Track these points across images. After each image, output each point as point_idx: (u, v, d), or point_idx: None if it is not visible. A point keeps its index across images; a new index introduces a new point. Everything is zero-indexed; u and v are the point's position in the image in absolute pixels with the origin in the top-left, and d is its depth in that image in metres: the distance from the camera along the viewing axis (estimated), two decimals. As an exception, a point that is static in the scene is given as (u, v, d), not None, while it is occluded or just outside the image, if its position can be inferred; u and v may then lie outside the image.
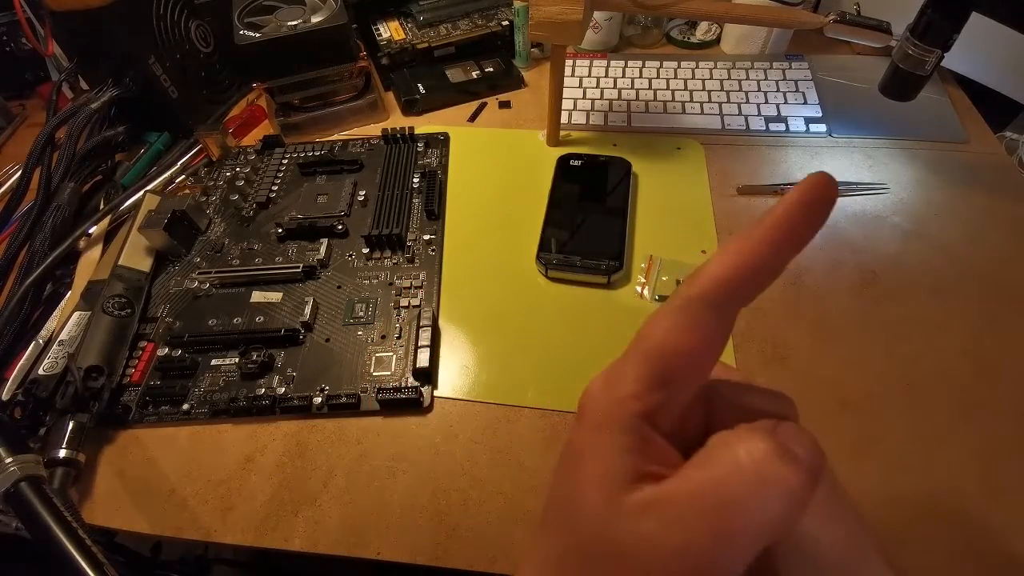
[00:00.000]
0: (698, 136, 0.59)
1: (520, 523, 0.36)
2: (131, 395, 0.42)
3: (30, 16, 0.58)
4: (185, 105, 0.59)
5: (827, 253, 0.48)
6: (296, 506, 0.37)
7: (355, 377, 0.42)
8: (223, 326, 0.46)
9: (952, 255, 0.47)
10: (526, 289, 0.47)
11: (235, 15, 0.56)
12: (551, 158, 0.56)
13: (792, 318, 0.44)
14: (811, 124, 0.59)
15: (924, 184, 0.53)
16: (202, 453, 0.40)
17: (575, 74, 0.66)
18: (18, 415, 0.40)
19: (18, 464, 0.31)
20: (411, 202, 0.53)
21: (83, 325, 0.43)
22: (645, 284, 0.47)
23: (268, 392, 0.42)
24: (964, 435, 0.38)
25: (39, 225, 0.50)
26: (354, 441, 0.40)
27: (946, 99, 0.60)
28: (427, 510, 0.37)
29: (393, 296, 0.47)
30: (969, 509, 0.35)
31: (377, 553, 0.35)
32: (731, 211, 0.52)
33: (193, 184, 0.57)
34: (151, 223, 0.48)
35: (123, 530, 0.38)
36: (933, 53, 0.44)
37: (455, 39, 0.67)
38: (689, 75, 0.65)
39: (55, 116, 0.53)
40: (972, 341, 0.42)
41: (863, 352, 0.42)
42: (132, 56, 0.54)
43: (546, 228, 0.50)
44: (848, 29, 0.46)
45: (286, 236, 0.51)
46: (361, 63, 0.60)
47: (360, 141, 0.60)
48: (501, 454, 0.39)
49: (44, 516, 0.29)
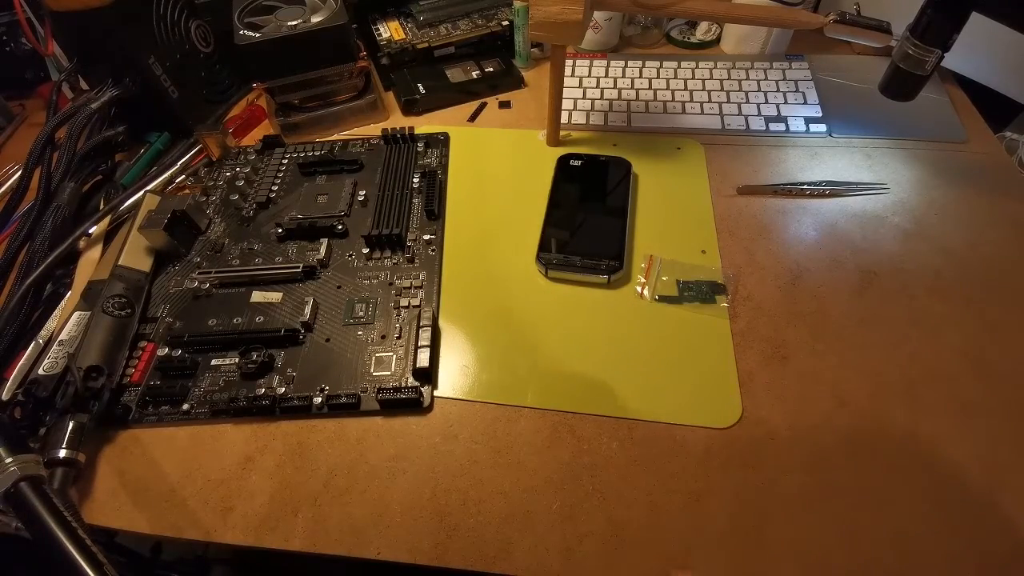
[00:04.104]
0: (698, 136, 0.59)
1: (520, 523, 0.36)
2: (131, 395, 0.42)
3: (30, 16, 0.58)
4: (185, 105, 0.59)
5: (827, 253, 0.48)
6: (296, 506, 0.37)
7: (355, 377, 0.42)
8: (223, 326, 0.45)
9: (952, 255, 0.47)
10: (526, 289, 0.47)
11: (235, 15, 0.56)
12: (551, 158, 0.56)
13: (792, 318, 0.44)
14: (811, 124, 0.59)
15: (924, 184, 0.53)
16: (202, 453, 0.40)
17: (575, 74, 0.66)
18: (18, 415, 0.40)
19: (18, 464, 0.31)
20: (411, 202, 0.53)
21: (83, 325, 0.43)
22: (645, 284, 0.47)
23: (268, 392, 0.42)
24: (964, 435, 0.38)
25: (39, 225, 0.50)
26: (354, 441, 0.40)
27: (946, 99, 0.60)
28: (427, 510, 0.37)
29: (393, 296, 0.47)
30: (969, 509, 0.35)
31: (377, 553, 0.35)
32: (731, 211, 0.52)
33: (193, 184, 0.57)
34: (151, 223, 0.48)
35: (123, 530, 0.38)
36: (933, 53, 0.44)
37: (455, 39, 0.67)
38: (689, 75, 0.65)
39: (55, 116, 0.53)
40: (972, 341, 0.42)
41: (863, 352, 0.42)
42: (132, 56, 0.54)
43: (546, 228, 0.50)
44: (848, 29, 0.46)
45: (286, 236, 0.51)
46: (361, 63, 0.60)
47: (360, 141, 0.60)
48: (501, 454, 0.39)
49: (44, 516, 0.29)
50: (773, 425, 0.39)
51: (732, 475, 0.37)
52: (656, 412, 0.40)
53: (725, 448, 0.38)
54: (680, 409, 0.40)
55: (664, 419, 0.40)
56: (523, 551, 0.35)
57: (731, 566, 0.34)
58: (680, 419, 0.40)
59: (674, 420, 0.40)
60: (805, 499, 0.36)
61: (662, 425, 0.39)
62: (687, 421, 0.39)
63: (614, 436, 0.39)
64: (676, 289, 0.46)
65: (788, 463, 0.37)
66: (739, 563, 0.34)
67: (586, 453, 0.39)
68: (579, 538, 0.35)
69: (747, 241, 0.49)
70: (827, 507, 0.36)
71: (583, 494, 0.37)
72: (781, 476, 0.37)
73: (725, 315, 0.44)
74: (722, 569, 0.34)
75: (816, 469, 0.37)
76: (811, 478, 0.37)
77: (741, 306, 0.45)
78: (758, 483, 0.37)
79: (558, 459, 0.38)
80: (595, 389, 0.41)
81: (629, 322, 0.45)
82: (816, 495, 0.36)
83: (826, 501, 0.36)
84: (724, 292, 0.46)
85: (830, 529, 0.35)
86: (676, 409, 0.40)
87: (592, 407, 0.40)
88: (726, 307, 0.45)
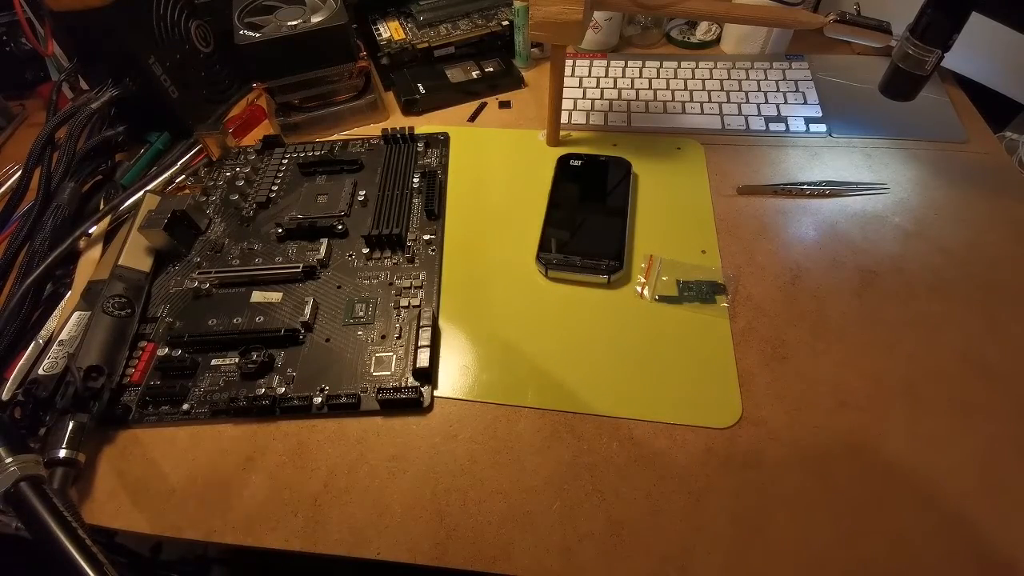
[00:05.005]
0: (698, 136, 0.59)
1: (520, 523, 0.36)
2: (131, 395, 0.42)
3: (30, 16, 0.58)
4: (185, 105, 0.59)
5: (827, 253, 0.48)
6: (296, 506, 0.37)
7: (355, 377, 0.42)
8: (223, 326, 0.45)
9: (952, 255, 0.47)
10: (526, 289, 0.47)
11: (235, 15, 0.56)
12: (551, 158, 0.56)
13: (792, 318, 0.44)
14: (811, 124, 0.59)
15: (924, 184, 0.53)
16: (202, 453, 0.40)
17: (575, 74, 0.66)
18: (18, 415, 0.40)
19: (18, 464, 0.31)
20: (411, 202, 0.53)
21: (83, 325, 0.43)
22: (645, 284, 0.47)
23: (268, 392, 0.42)
24: (964, 435, 0.38)
25: (39, 225, 0.50)
26: (354, 441, 0.40)
27: (946, 99, 0.60)
28: (427, 510, 0.37)
29: (393, 296, 0.47)
30: (969, 509, 0.35)
31: (377, 553, 0.35)
32: (731, 211, 0.52)
33: (193, 184, 0.57)
34: (151, 223, 0.48)
35: (123, 530, 0.38)
36: (933, 53, 0.44)
37: (455, 39, 0.67)
38: (689, 75, 0.65)
39: (55, 116, 0.53)
40: (972, 341, 0.42)
41: (863, 352, 0.42)
42: (132, 56, 0.54)
43: (546, 228, 0.50)
44: (848, 29, 0.46)
45: (286, 236, 0.51)
46: (361, 63, 0.60)
47: (360, 141, 0.60)
48: (501, 454, 0.39)
49: (44, 516, 0.29)
50: (773, 425, 0.39)
51: (732, 475, 0.37)
52: (656, 412, 0.40)
53: (725, 448, 0.38)
54: (680, 409, 0.40)
55: (664, 419, 0.40)
56: (523, 551, 0.35)
57: (731, 566, 0.34)
58: (680, 419, 0.40)
59: (674, 420, 0.40)
60: (805, 499, 0.36)
61: (662, 425, 0.39)
62: (687, 421, 0.39)
63: (614, 436, 0.39)
64: (676, 289, 0.46)
65: (788, 463, 0.37)
66: (739, 563, 0.34)
67: (586, 453, 0.39)
68: (579, 538, 0.35)
69: (747, 241, 0.49)
70: (827, 507, 0.36)
71: (583, 494, 0.37)
72: (781, 476, 0.37)
73: (725, 315, 0.44)
74: (722, 569, 0.34)
75: (816, 469, 0.37)
76: (811, 478, 0.37)
77: (741, 306, 0.45)
78: (758, 483, 0.37)
79: (558, 459, 0.38)
80: (595, 389, 0.41)
81: (629, 322, 0.45)
82: (816, 495, 0.36)
83: (826, 501, 0.36)
84: (724, 292, 0.46)
85: (830, 529, 0.35)
86: (676, 409, 0.40)
87: (592, 407, 0.40)
88: (726, 307, 0.45)
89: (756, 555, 0.34)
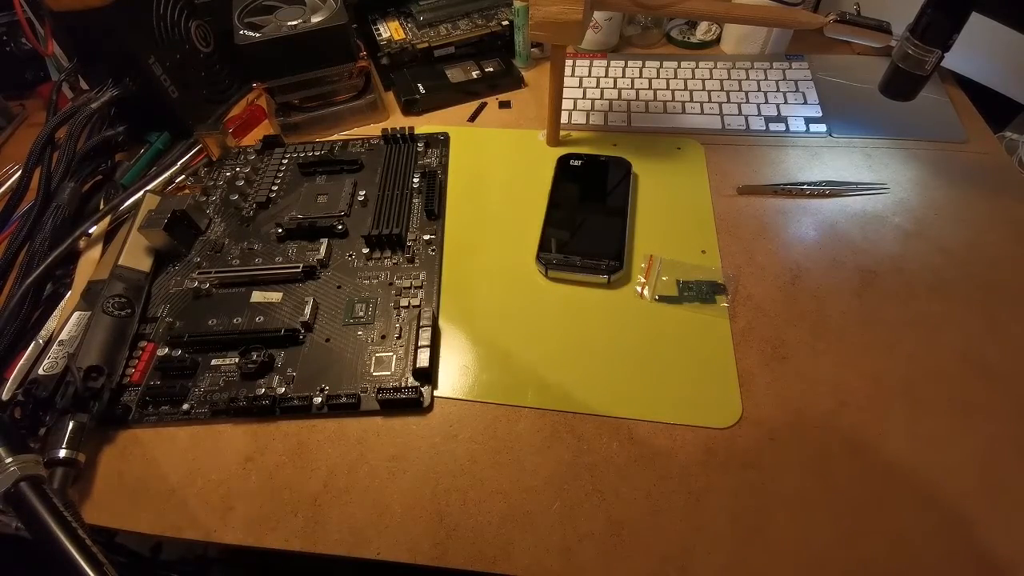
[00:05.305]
0: (698, 136, 0.59)
1: (520, 523, 0.36)
2: (131, 395, 0.42)
3: (30, 16, 0.58)
4: (185, 105, 0.59)
5: (827, 253, 0.48)
6: (296, 506, 0.37)
7: (355, 377, 0.42)
8: (223, 326, 0.45)
9: (952, 255, 0.47)
10: (526, 289, 0.47)
11: (235, 15, 0.56)
12: (551, 158, 0.56)
13: (792, 318, 0.44)
14: (811, 124, 0.59)
15: (924, 184, 0.53)
16: (202, 453, 0.40)
17: (575, 74, 0.66)
18: (18, 415, 0.40)
19: (18, 464, 0.31)
20: (411, 202, 0.53)
21: (83, 325, 0.43)
22: (645, 284, 0.47)
23: (268, 392, 0.42)
24: (964, 435, 0.38)
25: (39, 225, 0.50)
26: (354, 441, 0.40)
27: (946, 99, 0.60)
28: (427, 510, 0.37)
29: (393, 296, 0.47)
30: (969, 509, 0.35)
31: (377, 553, 0.35)
32: (731, 211, 0.52)
33: (193, 184, 0.57)
34: (151, 223, 0.48)
35: (123, 530, 0.38)
36: (933, 53, 0.44)
37: (455, 39, 0.67)
38: (689, 75, 0.65)
39: (55, 116, 0.53)
40: (972, 341, 0.42)
41: (863, 352, 0.42)
42: (132, 56, 0.54)
43: (546, 228, 0.50)
44: (848, 29, 0.46)
45: (286, 236, 0.51)
46: (361, 63, 0.60)
47: (360, 141, 0.60)
48: (501, 454, 0.39)
49: (44, 516, 0.29)
50: (773, 425, 0.39)
51: (732, 475, 0.37)
52: (656, 412, 0.40)
53: (725, 448, 0.38)
54: (680, 409, 0.40)
55: (664, 419, 0.40)
56: (523, 551, 0.35)
57: (731, 566, 0.34)
58: (680, 419, 0.40)
59: (674, 420, 0.40)
60: (805, 499, 0.36)
61: (662, 425, 0.39)
62: (687, 421, 0.39)
63: (614, 436, 0.39)
64: (676, 289, 0.46)
65: (788, 463, 0.37)
66: (739, 563, 0.34)
67: (586, 453, 0.39)
68: (579, 538, 0.35)
69: (747, 241, 0.49)
70: (827, 507, 0.36)
71: (583, 494, 0.37)
72: (781, 476, 0.37)
73: (725, 315, 0.44)
74: (722, 569, 0.34)
75: (816, 469, 0.37)
76: (811, 478, 0.37)
77: (741, 306, 0.45)
78: (758, 483, 0.37)
79: (558, 459, 0.38)
80: (595, 389, 0.41)
81: (629, 322, 0.45)
82: (816, 495, 0.36)
83: (826, 501, 0.36)
84: (724, 292, 0.46)
85: (830, 529, 0.35)
86: (676, 409, 0.40)
87: (592, 407, 0.40)
88: (726, 307, 0.45)
89: (756, 555, 0.34)
